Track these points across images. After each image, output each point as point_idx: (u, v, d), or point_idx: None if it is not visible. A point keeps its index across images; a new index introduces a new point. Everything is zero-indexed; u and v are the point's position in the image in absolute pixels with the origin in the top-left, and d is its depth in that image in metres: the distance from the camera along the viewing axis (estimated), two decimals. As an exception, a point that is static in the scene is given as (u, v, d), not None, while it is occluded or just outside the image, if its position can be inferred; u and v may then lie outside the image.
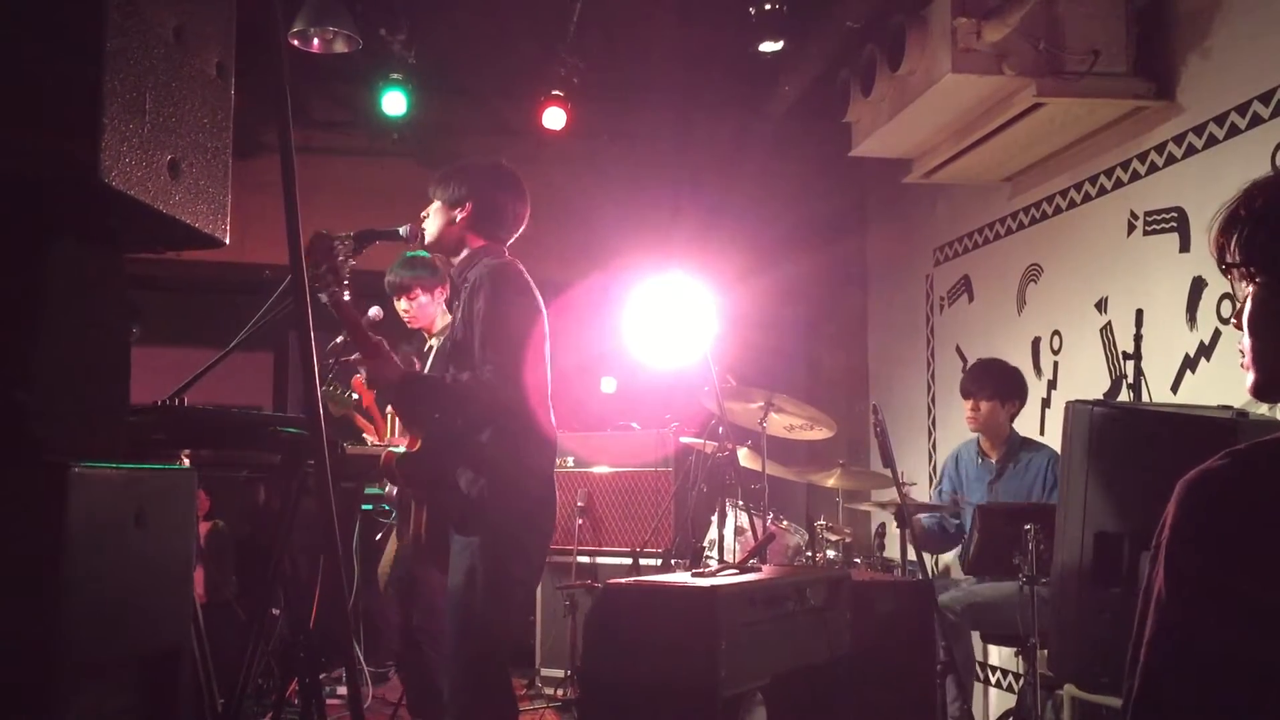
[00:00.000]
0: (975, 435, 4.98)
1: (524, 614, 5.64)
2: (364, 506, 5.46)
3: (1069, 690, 3.63)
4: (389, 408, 4.59)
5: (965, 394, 4.94)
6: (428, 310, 4.49)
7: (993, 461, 4.90)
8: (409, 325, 4.53)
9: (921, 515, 5.04)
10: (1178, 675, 1.23)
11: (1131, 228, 4.86)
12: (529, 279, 3.32)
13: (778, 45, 5.48)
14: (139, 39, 1.36)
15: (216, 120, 1.55)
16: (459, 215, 3.35)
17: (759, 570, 3.42)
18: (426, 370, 4.15)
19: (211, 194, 1.54)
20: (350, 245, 3.37)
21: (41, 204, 1.38)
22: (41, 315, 1.37)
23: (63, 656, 1.26)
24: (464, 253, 3.38)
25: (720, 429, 4.82)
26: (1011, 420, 4.90)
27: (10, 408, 1.32)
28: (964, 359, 6.07)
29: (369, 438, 4.89)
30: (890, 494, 4.59)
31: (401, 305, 4.47)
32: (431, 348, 4.47)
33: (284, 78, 1.59)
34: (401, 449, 3.35)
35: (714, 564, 4.82)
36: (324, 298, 3.16)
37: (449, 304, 4.46)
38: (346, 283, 3.22)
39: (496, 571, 3.11)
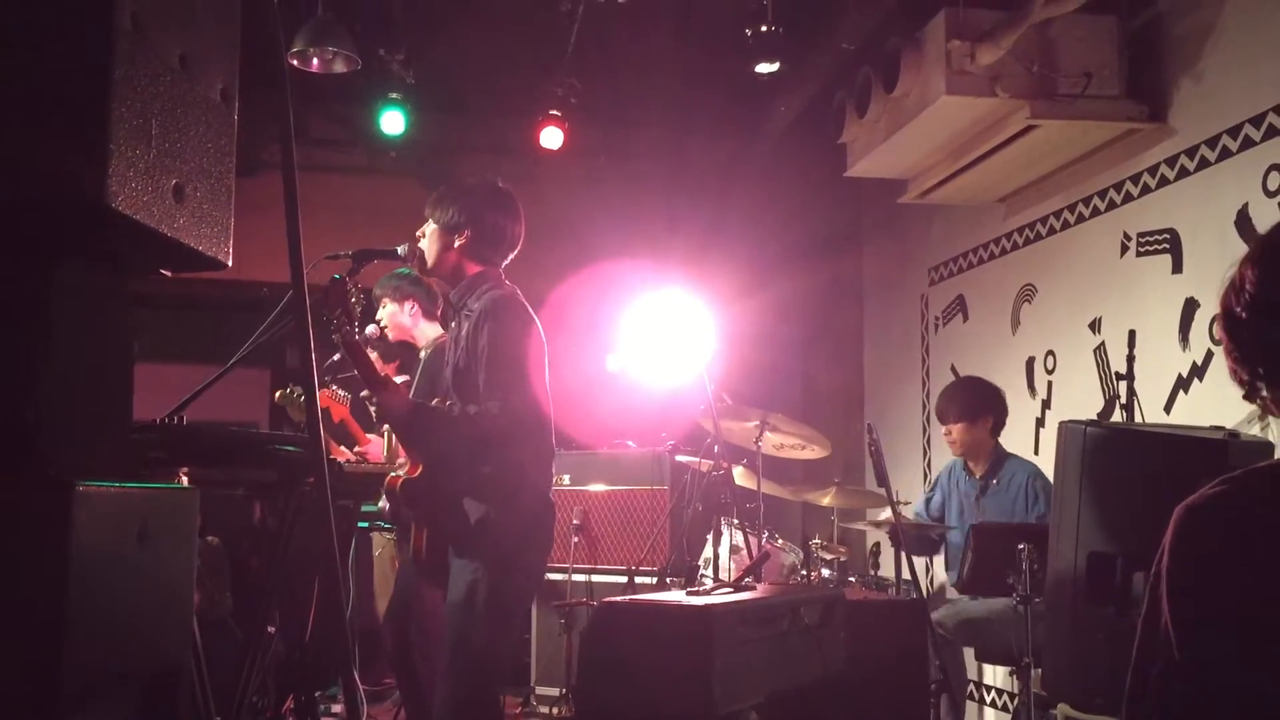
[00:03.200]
0: (965, 452, 5.00)
1: (518, 633, 5.65)
2: (360, 524, 5.47)
3: (1063, 710, 3.64)
4: (384, 427, 4.61)
5: (939, 417, 4.98)
6: (398, 321, 4.53)
7: (977, 478, 4.92)
8: (386, 338, 4.58)
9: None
10: (1193, 702, 1.23)
11: (1124, 249, 4.90)
12: (528, 307, 3.33)
13: (774, 67, 5.51)
14: (146, 67, 1.38)
15: (220, 145, 1.57)
16: (457, 241, 3.34)
17: (754, 589, 3.43)
18: (415, 382, 4.18)
19: (215, 217, 1.56)
20: (355, 283, 3.40)
21: (49, 227, 1.40)
22: (48, 335, 1.39)
23: (67, 675, 1.28)
24: (463, 278, 3.37)
25: (716, 447, 4.83)
26: (993, 435, 4.90)
27: (17, 426, 1.34)
28: (958, 378, 6.10)
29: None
30: (885, 513, 4.61)
31: (377, 314, 4.53)
32: (420, 361, 4.51)
33: (289, 103, 1.61)
34: (402, 473, 3.35)
35: (709, 582, 4.83)
36: (337, 338, 3.22)
37: (443, 320, 4.49)
38: (357, 323, 3.27)
39: (498, 592, 3.11)
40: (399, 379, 5.13)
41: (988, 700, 5.70)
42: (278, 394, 5.11)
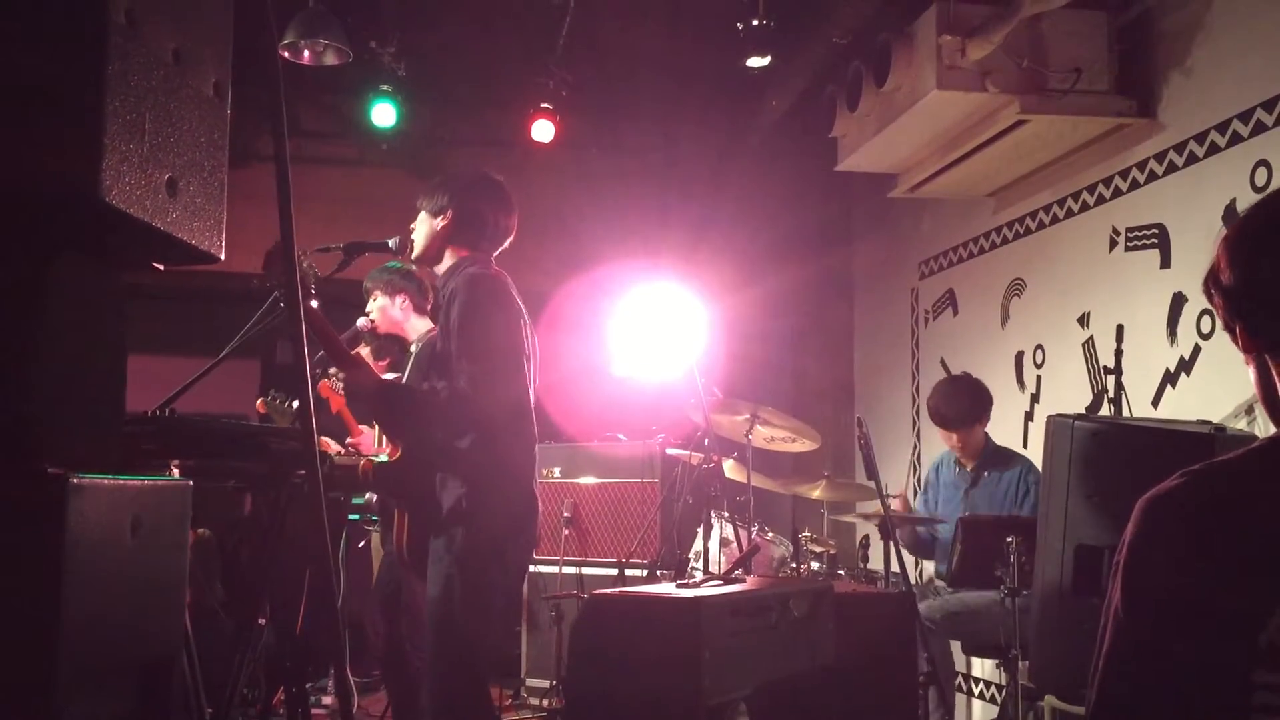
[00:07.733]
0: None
1: (508, 625, 5.66)
2: (351, 517, 5.48)
3: (1049, 701, 3.68)
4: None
5: (945, 425, 4.86)
6: (388, 314, 4.46)
7: (968, 470, 4.93)
8: (377, 331, 4.54)
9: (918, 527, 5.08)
10: (1133, 687, 1.26)
11: (1113, 243, 4.92)
12: (508, 287, 3.28)
13: (765, 61, 5.52)
14: (139, 62, 1.39)
15: (213, 139, 1.58)
16: (440, 224, 3.34)
17: (743, 581, 3.44)
18: (406, 378, 4.17)
19: (208, 211, 1.57)
20: (341, 255, 3.39)
21: (43, 221, 1.41)
22: (43, 329, 1.40)
23: (61, 665, 1.29)
24: (446, 264, 3.36)
25: (706, 441, 4.84)
26: (985, 430, 4.92)
27: (12, 419, 1.35)
28: (948, 372, 6.12)
29: None
30: (874, 505, 4.63)
31: (367, 307, 4.49)
32: (411, 355, 4.50)
33: (280, 97, 1.62)
34: (383, 458, 3.36)
35: (699, 575, 4.85)
36: (284, 305, 3.15)
37: (433, 314, 4.49)
38: (313, 290, 3.23)
39: (475, 581, 3.08)
40: (389, 376, 5.13)
41: (975, 692, 5.73)
42: (259, 401, 5.10)
